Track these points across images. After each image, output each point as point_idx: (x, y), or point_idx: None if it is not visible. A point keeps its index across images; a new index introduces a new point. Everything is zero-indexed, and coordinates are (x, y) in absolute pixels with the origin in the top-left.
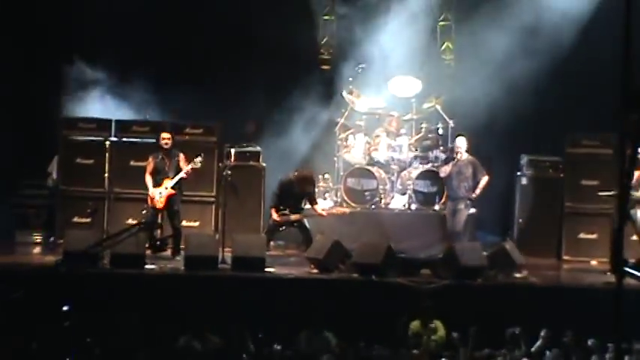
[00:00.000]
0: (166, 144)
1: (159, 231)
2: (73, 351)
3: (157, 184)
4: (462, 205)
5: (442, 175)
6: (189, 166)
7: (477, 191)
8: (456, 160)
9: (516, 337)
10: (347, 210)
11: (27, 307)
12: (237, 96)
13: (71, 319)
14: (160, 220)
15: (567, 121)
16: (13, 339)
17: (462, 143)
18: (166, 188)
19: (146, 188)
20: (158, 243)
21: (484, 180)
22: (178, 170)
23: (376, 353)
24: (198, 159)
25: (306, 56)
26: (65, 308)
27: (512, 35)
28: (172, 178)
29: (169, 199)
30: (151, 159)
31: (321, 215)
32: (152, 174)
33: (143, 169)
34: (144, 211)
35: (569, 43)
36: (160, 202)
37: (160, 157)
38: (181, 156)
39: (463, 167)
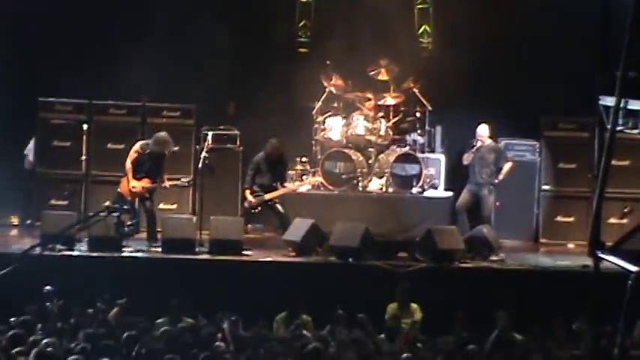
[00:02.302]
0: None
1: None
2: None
3: (135, 177)
4: (485, 191)
5: (465, 162)
6: (176, 183)
7: (500, 177)
8: (477, 147)
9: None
10: (318, 179)
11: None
12: (215, 78)
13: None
14: (128, 206)
15: (544, 104)
16: None
17: (483, 131)
18: (143, 188)
19: (124, 173)
20: (126, 229)
21: (507, 166)
22: (158, 169)
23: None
24: (185, 179)
25: (283, 39)
26: (47, 288)
27: (489, 18)
28: (152, 181)
29: (142, 195)
30: (139, 147)
31: (293, 190)
32: (133, 164)
33: (125, 153)
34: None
35: (546, 25)
36: (132, 195)
37: (148, 151)
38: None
39: (486, 153)
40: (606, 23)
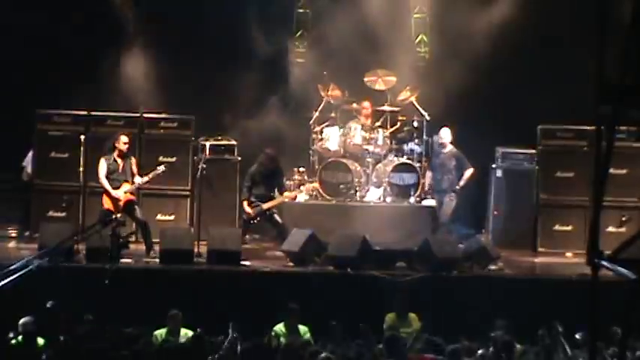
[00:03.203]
0: (127, 148)
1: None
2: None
3: (113, 187)
4: (446, 199)
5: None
6: (151, 175)
7: (461, 183)
8: (439, 151)
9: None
10: (315, 185)
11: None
12: (211, 89)
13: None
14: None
15: (542, 112)
16: None
17: (445, 135)
18: (125, 193)
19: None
20: (121, 240)
21: (468, 172)
22: (132, 174)
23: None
24: (161, 167)
25: (280, 49)
26: (50, 304)
27: (487, 27)
28: (131, 183)
29: (128, 202)
30: (103, 161)
31: (291, 199)
32: (107, 177)
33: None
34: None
35: (543, 33)
36: (120, 206)
37: (112, 159)
38: (134, 160)
39: (446, 159)
40: (603, 31)
